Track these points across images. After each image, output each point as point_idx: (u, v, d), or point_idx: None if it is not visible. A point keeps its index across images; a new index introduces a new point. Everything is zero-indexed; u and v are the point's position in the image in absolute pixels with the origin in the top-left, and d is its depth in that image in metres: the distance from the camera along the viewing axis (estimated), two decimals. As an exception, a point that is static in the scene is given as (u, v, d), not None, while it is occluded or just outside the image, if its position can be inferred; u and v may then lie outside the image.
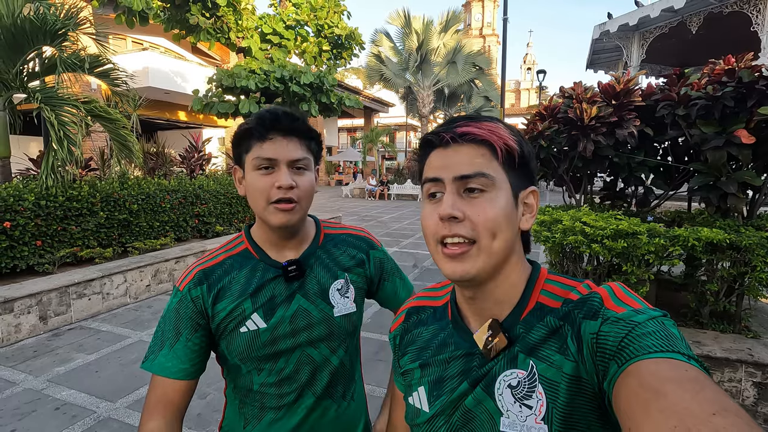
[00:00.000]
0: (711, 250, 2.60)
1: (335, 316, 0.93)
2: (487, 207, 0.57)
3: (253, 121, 0.85)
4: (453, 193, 0.58)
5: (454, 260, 0.57)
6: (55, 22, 4.66)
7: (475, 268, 0.57)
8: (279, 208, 0.84)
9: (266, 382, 0.89)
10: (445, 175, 0.59)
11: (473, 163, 0.58)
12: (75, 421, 2.56)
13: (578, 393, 0.52)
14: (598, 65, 11.89)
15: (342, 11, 13.30)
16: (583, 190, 3.74)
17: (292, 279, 0.90)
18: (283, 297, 0.90)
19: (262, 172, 0.84)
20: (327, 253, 0.97)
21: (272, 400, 0.90)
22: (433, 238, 0.59)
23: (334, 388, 0.94)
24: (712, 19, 7.52)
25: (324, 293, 0.93)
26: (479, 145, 0.59)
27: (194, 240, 6.59)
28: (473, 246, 0.57)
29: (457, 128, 0.59)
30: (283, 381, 0.90)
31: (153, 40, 15.37)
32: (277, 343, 0.88)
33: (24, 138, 10.77)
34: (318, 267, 0.94)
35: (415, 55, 18.47)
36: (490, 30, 60.81)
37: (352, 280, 0.97)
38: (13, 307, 3.72)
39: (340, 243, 1.00)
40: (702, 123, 2.75)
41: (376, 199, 19.02)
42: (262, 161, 0.83)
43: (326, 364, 0.93)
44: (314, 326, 0.91)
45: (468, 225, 0.56)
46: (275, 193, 0.83)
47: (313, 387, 0.92)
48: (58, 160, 4.41)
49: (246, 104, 9.94)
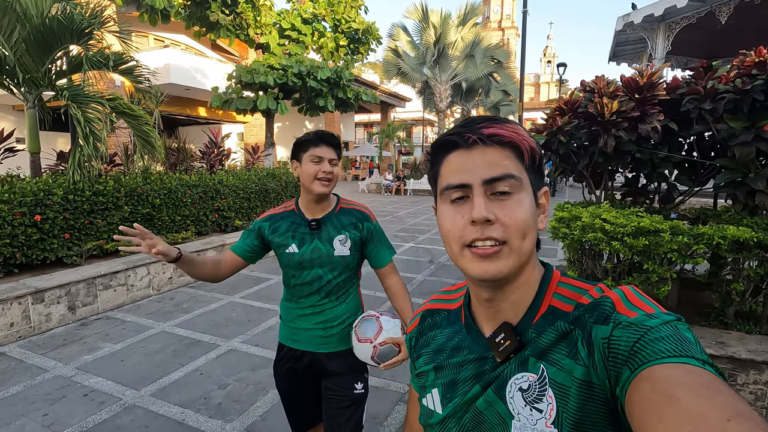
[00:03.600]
0: (737, 249, 2.52)
1: (335, 255, 1.53)
2: (517, 209, 0.57)
3: (312, 136, 1.50)
4: (482, 196, 0.57)
5: (485, 260, 0.57)
6: (82, 21, 4.79)
7: (507, 268, 0.57)
8: (321, 184, 1.48)
9: (296, 283, 1.56)
10: (472, 179, 0.58)
11: (501, 165, 0.57)
12: (102, 408, 2.66)
13: (589, 398, 0.52)
14: (621, 57, 11.56)
15: (359, 6, 13.25)
16: (604, 186, 3.67)
17: (313, 229, 1.53)
18: (307, 238, 1.53)
19: (314, 162, 1.48)
20: (337, 218, 1.57)
21: (297, 292, 1.58)
22: (459, 241, 0.58)
23: (330, 294, 1.57)
24: (742, 8, 7.22)
25: (330, 240, 1.53)
26: (504, 146, 0.58)
27: (214, 234, 6.72)
28: (504, 246, 0.57)
29: (482, 129, 0.58)
30: (305, 284, 1.55)
31: (174, 37, 15.64)
32: (302, 262, 1.53)
33: (52, 134, 11.13)
34: (330, 225, 1.55)
35: (433, 49, 18.28)
36: (509, 22, 59.71)
37: (350, 237, 1.55)
38: (43, 297, 3.88)
39: (348, 213, 1.59)
40: (729, 117, 2.66)
41: (393, 195, 19.00)
42: (315, 157, 1.48)
43: (326, 279, 1.55)
44: (322, 257, 1.53)
45: (499, 227, 0.56)
46: (321, 174, 1.47)
47: (319, 292, 1.56)
48: (84, 155, 4.55)
49: (264, 100, 10.04)
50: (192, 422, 2.53)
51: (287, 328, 1.62)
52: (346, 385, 1.55)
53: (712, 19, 7.60)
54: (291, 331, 1.61)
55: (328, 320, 1.57)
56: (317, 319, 1.56)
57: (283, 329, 1.65)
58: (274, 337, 3.85)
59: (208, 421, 2.53)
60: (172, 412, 2.62)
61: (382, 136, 23.18)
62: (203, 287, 5.25)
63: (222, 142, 9.75)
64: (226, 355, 3.40)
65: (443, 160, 0.62)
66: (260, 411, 2.64)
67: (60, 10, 4.87)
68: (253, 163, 10.07)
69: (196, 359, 3.33)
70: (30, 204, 4.19)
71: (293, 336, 1.60)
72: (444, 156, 0.62)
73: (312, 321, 1.57)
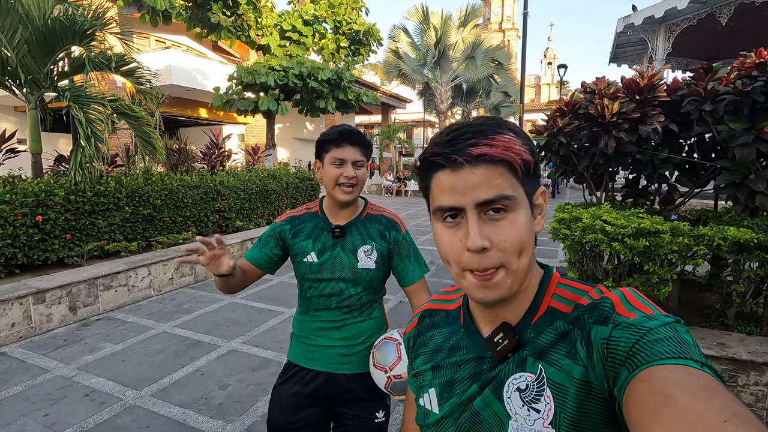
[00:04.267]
0: (738, 250, 2.52)
1: (358, 267, 1.36)
2: (512, 229, 0.55)
3: (333, 134, 1.31)
4: (476, 221, 0.55)
5: (486, 288, 0.56)
6: (84, 23, 4.80)
7: (508, 290, 0.56)
8: (343, 191, 1.32)
9: (314, 295, 1.39)
10: (464, 202, 0.55)
11: (494, 186, 0.54)
12: (103, 408, 2.67)
13: (587, 398, 0.52)
14: (621, 59, 11.57)
15: (360, 7, 13.27)
16: (604, 187, 3.67)
17: (336, 237, 1.37)
18: (329, 246, 1.37)
19: (336, 166, 1.30)
20: (364, 225, 1.40)
21: (314, 305, 1.40)
22: (459, 265, 0.57)
23: (352, 310, 1.39)
24: (743, 10, 7.23)
25: (355, 250, 1.37)
26: (496, 164, 0.55)
27: (215, 235, 6.73)
28: (501, 269, 0.56)
29: (470, 149, 0.54)
30: (322, 297, 1.38)
31: (175, 38, 15.66)
32: (322, 272, 1.37)
33: (53, 135, 11.14)
34: (355, 232, 1.39)
35: (433, 51, 18.30)
36: (510, 24, 59.75)
37: (377, 248, 1.38)
38: (45, 297, 3.89)
39: (375, 220, 1.42)
40: (730, 119, 2.66)
41: (393, 196, 19.01)
42: (336, 159, 1.30)
43: (347, 293, 1.37)
44: (344, 269, 1.36)
45: (495, 254, 0.55)
46: (343, 179, 1.30)
47: (339, 305, 1.38)
48: (86, 156, 4.56)
49: (265, 101, 10.05)
50: (193, 422, 2.53)
51: (302, 345, 1.42)
52: (366, 413, 1.37)
53: (713, 21, 7.61)
54: (306, 348, 1.41)
55: (351, 336, 1.39)
56: (338, 335, 1.38)
57: (295, 347, 1.44)
58: (275, 337, 3.88)
59: (208, 422, 2.53)
60: (172, 413, 2.62)
61: (382, 138, 23.18)
62: (204, 288, 5.25)
63: (223, 143, 9.77)
64: (227, 356, 3.40)
65: (432, 176, 0.59)
66: (261, 411, 2.64)
67: (62, 12, 4.89)
68: (253, 164, 10.08)
69: (197, 360, 3.33)
70: (31, 204, 4.20)
71: (308, 354, 1.40)
72: (432, 173, 0.59)
73: (332, 337, 1.38)
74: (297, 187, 8.71)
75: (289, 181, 8.56)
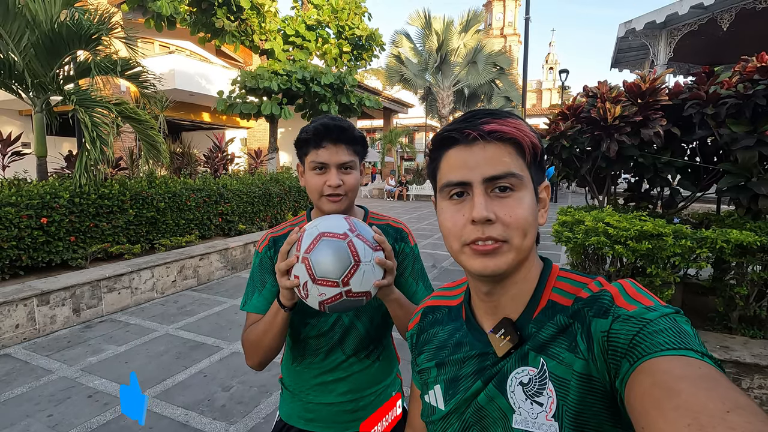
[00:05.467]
0: (741, 253, 2.52)
1: None
2: (518, 207, 0.56)
3: (310, 132, 1.03)
4: (483, 195, 0.56)
5: (485, 256, 0.57)
6: (90, 27, 4.86)
7: (507, 263, 0.57)
8: (330, 200, 1.05)
9: (309, 335, 1.12)
10: (472, 177, 0.57)
11: (502, 162, 0.56)
12: (106, 409, 2.67)
13: (589, 391, 0.52)
14: (623, 64, 11.60)
15: (363, 13, 13.37)
16: (607, 190, 3.68)
17: None
18: None
19: (317, 172, 1.04)
20: None
21: (311, 350, 1.13)
22: (460, 240, 0.58)
23: (359, 350, 1.14)
24: (744, 15, 7.25)
25: None
26: (505, 143, 0.57)
27: (218, 238, 6.75)
28: (504, 244, 0.56)
29: (482, 125, 0.57)
30: (321, 336, 1.11)
31: (179, 43, 15.78)
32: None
33: (59, 138, 11.22)
34: None
35: (435, 56, 18.40)
36: (512, 29, 60.03)
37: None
38: (49, 299, 3.91)
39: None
40: (732, 122, 2.67)
41: (395, 200, 19.03)
42: (316, 164, 1.03)
43: (353, 328, 1.12)
44: None
45: (500, 226, 0.56)
46: (327, 189, 1.03)
47: (343, 346, 1.13)
48: (91, 159, 4.59)
49: (268, 105, 10.11)
50: (196, 424, 2.53)
51: (297, 402, 1.16)
52: None
53: (714, 26, 7.63)
54: (302, 406, 1.15)
55: (359, 388, 1.14)
56: (343, 388, 1.13)
57: (288, 404, 1.18)
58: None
59: (211, 423, 2.54)
60: (176, 414, 2.63)
61: (384, 142, 23.25)
62: (206, 290, 5.27)
63: (226, 147, 9.82)
64: (230, 358, 3.41)
65: (443, 155, 0.61)
66: (264, 413, 2.64)
67: (69, 16, 4.95)
68: (256, 167, 10.12)
69: (200, 361, 3.34)
70: (36, 207, 4.23)
71: (306, 414, 1.15)
72: (444, 151, 0.61)
73: (336, 391, 1.13)
74: (299, 191, 8.73)
75: (291, 184, 8.59)
